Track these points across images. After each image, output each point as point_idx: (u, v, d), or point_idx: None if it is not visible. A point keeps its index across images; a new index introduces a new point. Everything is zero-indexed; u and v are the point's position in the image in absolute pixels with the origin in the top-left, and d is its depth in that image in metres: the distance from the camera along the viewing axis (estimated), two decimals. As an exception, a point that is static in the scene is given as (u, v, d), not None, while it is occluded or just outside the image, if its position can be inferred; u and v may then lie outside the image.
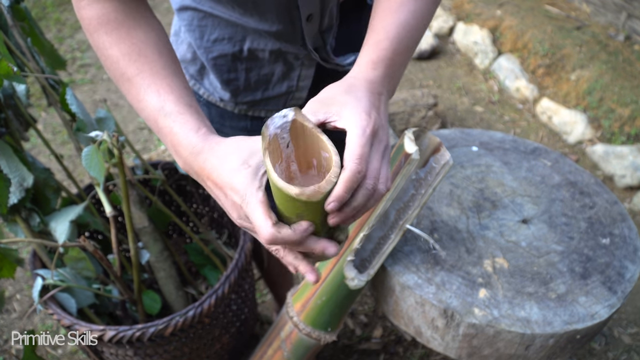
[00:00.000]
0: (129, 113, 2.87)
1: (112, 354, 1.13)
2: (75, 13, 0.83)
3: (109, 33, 0.72)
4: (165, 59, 0.73)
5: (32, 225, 1.16)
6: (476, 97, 3.01)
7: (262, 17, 0.87)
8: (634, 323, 1.88)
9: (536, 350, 0.97)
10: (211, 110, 1.07)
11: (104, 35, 0.72)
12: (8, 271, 1.12)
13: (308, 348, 1.18)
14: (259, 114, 1.04)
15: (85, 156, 0.99)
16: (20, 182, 1.07)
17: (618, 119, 2.57)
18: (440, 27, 3.49)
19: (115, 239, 1.13)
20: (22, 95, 1.10)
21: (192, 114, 0.68)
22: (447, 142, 1.35)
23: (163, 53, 0.73)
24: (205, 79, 1.03)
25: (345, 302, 1.09)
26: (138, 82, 0.70)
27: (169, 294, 1.36)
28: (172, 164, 1.42)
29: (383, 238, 1.04)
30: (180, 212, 1.57)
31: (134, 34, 0.72)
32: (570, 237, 1.11)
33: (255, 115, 1.05)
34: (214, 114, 1.07)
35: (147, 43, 0.72)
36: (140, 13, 0.74)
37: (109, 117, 1.18)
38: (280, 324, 1.21)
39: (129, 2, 0.73)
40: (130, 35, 0.72)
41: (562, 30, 3.01)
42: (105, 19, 0.72)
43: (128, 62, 0.71)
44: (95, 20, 0.72)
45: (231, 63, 0.97)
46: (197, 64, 1.02)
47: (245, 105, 1.03)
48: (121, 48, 0.71)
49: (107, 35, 0.72)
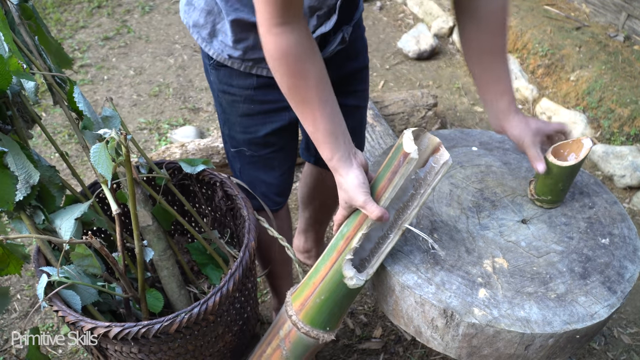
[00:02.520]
0: (129, 113, 2.88)
1: (116, 350, 1.14)
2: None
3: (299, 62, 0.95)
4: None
5: (36, 222, 1.16)
6: (476, 97, 3.02)
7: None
8: (633, 323, 1.89)
9: (536, 350, 0.98)
10: (219, 72, 1.23)
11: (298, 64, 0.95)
12: (15, 267, 1.13)
13: (307, 347, 1.18)
14: (261, 72, 1.19)
15: (93, 153, 1.00)
16: (27, 179, 1.08)
17: (617, 119, 2.58)
18: (440, 27, 3.50)
19: (120, 236, 1.14)
20: (31, 93, 1.11)
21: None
22: (447, 142, 1.36)
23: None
24: (215, 40, 1.18)
25: (344, 301, 1.09)
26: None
27: (171, 293, 1.37)
28: (176, 163, 1.42)
29: (382, 238, 1.05)
30: (184, 211, 1.58)
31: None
32: (570, 237, 1.12)
33: (259, 73, 1.20)
34: (222, 75, 1.23)
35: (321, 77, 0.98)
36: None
37: (115, 116, 1.19)
38: (280, 323, 1.21)
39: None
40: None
41: (561, 31, 3.02)
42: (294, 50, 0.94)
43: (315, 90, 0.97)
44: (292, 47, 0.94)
45: (245, 26, 1.11)
46: (208, 28, 1.17)
47: (251, 62, 1.18)
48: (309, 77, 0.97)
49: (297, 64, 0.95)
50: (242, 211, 1.34)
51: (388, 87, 3.14)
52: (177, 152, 2.25)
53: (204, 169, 1.43)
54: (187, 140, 2.40)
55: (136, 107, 2.93)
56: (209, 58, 1.24)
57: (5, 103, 1.11)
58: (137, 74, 3.20)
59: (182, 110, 2.92)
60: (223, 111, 1.32)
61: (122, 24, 3.67)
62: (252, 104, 1.25)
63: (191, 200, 1.57)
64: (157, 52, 3.40)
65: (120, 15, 3.77)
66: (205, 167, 1.42)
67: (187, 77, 3.17)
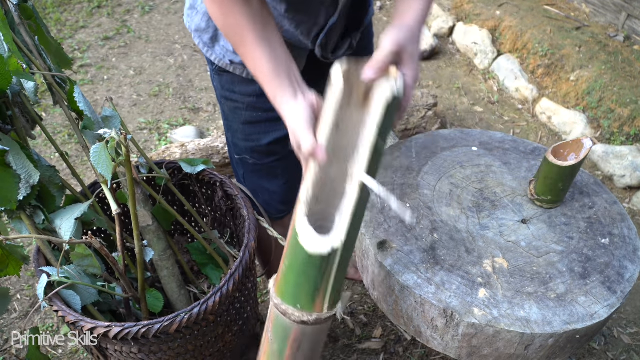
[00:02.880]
0: (129, 113, 2.88)
1: (116, 350, 1.14)
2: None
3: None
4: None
5: (36, 222, 1.16)
6: (476, 98, 3.02)
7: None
8: (633, 323, 1.89)
9: (536, 350, 0.98)
10: (222, 78, 1.22)
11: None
12: (14, 268, 1.13)
13: (285, 329, 1.00)
14: None
15: (93, 153, 1.00)
16: (27, 179, 1.08)
17: (617, 119, 2.58)
18: (440, 27, 3.50)
19: (121, 236, 1.14)
20: (31, 93, 1.11)
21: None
22: (447, 143, 1.36)
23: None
24: (216, 45, 1.17)
25: (310, 272, 0.90)
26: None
27: (171, 293, 1.37)
28: (176, 163, 1.42)
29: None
30: (184, 211, 1.58)
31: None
32: (570, 237, 1.12)
33: None
34: (224, 81, 1.22)
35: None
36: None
37: (115, 116, 1.19)
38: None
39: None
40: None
41: (561, 31, 3.02)
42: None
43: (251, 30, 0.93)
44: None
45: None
46: (210, 32, 1.16)
47: None
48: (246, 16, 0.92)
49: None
50: (242, 211, 1.34)
51: (388, 87, 3.13)
52: (177, 152, 2.25)
53: (204, 169, 1.43)
54: (187, 140, 2.40)
55: (136, 107, 2.93)
56: (211, 63, 1.23)
57: (6, 103, 1.11)
58: (137, 74, 3.20)
59: (182, 110, 2.92)
60: (226, 118, 1.31)
61: (122, 24, 3.67)
62: (255, 112, 1.24)
63: (191, 200, 1.57)
64: (157, 52, 3.40)
65: (120, 15, 3.77)
66: (205, 167, 1.42)
67: (187, 77, 3.17)
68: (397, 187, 1.22)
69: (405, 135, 2.53)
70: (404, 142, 1.37)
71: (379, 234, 1.11)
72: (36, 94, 1.12)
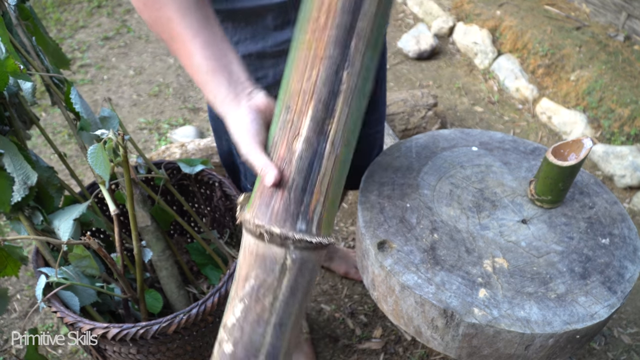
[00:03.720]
0: (129, 113, 2.88)
1: (115, 351, 1.14)
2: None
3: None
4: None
5: (35, 223, 1.16)
6: (476, 97, 3.01)
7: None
8: (633, 323, 1.89)
9: (536, 350, 0.98)
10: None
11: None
12: (12, 269, 1.13)
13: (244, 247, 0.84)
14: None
15: (91, 154, 0.99)
16: (24, 180, 1.08)
17: (618, 119, 2.57)
18: (440, 27, 3.49)
19: (119, 237, 1.14)
20: (28, 94, 1.11)
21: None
22: (447, 142, 1.36)
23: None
24: None
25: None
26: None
27: (170, 293, 1.36)
28: (175, 164, 1.42)
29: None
30: (182, 212, 1.58)
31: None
32: (570, 237, 1.12)
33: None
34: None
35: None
36: None
37: (113, 116, 1.19)
38: None
39: None
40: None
41: (561, 31, 3.02)
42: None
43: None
44: None
45: (257, 61, 0.99)
46: None
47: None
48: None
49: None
50: (242, 211, 1.34)
51: (388, 87, 3.13)
52: (177, 152, 2.24)
53: (203, 169, 1.43)
54: (187, 140, 2.40)
55: (136, 107, 2.93)
56: None
57: (3, 104, 1.10)
58: (137, 74, 3.19)
59: (182, 110, 2.92)
60: (219, 137, 1.26)
61: (122, 24, 3.66)
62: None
63: (190, 201, 1.57)
64: (156, 52, 3.40)
65: (120, 15, 3.77)
66: (204, 167, 1.42)
67: (187, 77, 3.17)
68: (397, 187, 1.22)
69: (405, 135, 2.53)
70: (404, 142, 1.37)
71: (379, 234, 1.11)
72: (34, 95, 1.11)
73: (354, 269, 1.99)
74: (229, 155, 1.35)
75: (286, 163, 0.77)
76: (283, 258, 0.78)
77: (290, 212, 0.77)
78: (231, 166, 1.39)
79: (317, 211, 0.79)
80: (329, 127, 0.78)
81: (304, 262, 0.79)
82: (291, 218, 0.77)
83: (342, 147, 0.80)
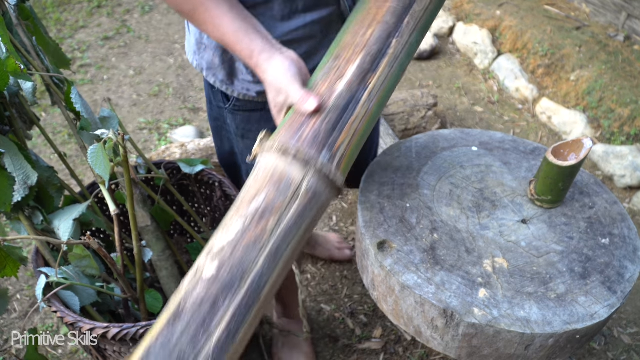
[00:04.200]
0: (129, 113, 2.88)
1: (115, 351, 1.14)
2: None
3: None
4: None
5: (35, 223, 1.16)
6: (476, 97, 3.01)
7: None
8: (633, 323, 1.89)
9: (536, 350, 0.98)
10: (236, 118, 1.15)
11: None
12: (11, 270, 1.13)
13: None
14: None
15: (91, 154, 1.00)
16: (25, 180, 1.08)
17: (618, 119, 2.57)
18: (440, 27, 3.49)
19: (119, 237, 1.14)
20: (29, 94, 1.11)
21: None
22: (447, 142, 1.36)
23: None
24: (236, 81, 1.08)
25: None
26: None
27: (170, 293, 1.36)
28: (175, 164, 1.42)
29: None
30: (182, 212, 1.58)
31: None
32: (570, 237, 1.12)
33: None
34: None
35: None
36: None
37: (113, 116, 1.19)
38: None
39: None
40: None
41: (561, 31, 3.02)
42: None
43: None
44: None
45: None
46: (226, 68, 1.07)
47: None
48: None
49: None
50: (242, 211, 1.34)
51: (388, 87, 3.13)
52: (177, 152, 2.24)
53: (203, 169, 1.43)
54: (187, 140, 2.40)
55: (136, 107, 2.93)
56: (225, 101, 1.14)
57: (3, 104, 1.10)
58: (137, 74, 3.19)
59: (182, 110, 2.92)
60: (241, 152, 1.25)
61: (122, 24, 3.66)
62: None
63: (190, 201, 1.57)
64: (157, 52, 3.40)
65: (120, 15, 3.77)
66: (204, 167, 1.42)
67: (187, 77, 3.17)
68: (397, 187, 1.22)
69: (405, 135, 2.53)
70: (404, 142, 1.37)
71: (379, 234, 1.11)
72: (34, 95, 1.11)
73: (336, 250, 2.03)
74: (230, 155, 1.35)
75: (325, 98, 0.86)
76: (300, 181, 0.81)
77: (318, 141, 0.83)
78: (231, 166, 1.39)
79: (341, 149, 0.85)
80: (370, 80, 0.88)
81: (315, 194, 0.82)
82: (317, 146, 0.83)
83: (375, 102, 0.90)
